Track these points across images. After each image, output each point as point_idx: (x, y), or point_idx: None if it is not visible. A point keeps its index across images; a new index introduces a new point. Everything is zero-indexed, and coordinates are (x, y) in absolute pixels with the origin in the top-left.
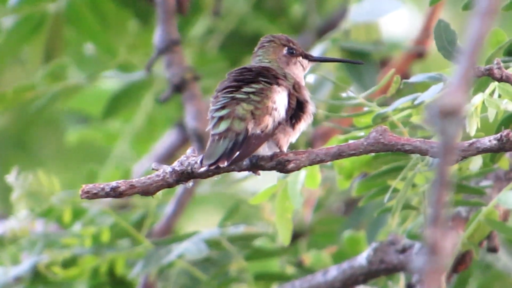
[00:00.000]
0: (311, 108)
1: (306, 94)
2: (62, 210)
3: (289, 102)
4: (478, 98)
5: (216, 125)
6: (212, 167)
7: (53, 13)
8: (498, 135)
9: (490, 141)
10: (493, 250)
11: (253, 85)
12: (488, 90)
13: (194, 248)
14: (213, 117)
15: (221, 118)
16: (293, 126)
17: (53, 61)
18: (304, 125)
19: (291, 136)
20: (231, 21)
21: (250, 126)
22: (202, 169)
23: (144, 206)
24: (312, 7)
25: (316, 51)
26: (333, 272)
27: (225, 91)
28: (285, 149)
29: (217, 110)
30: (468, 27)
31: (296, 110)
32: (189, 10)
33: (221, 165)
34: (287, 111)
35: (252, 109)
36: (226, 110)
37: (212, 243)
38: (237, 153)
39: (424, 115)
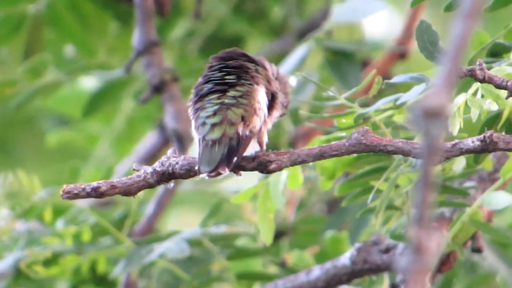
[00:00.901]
0: (280, 97)
1: (275, 85)
2: (43, 208)
3: (267, 97)
4: (460, 98)
5: (210, 131)
6: (213, 174)
7: (33, 14)
8: (481, 136)
9: (473, 142)
10: (477, 250)
11: (238, 88)
12: (471, 90)
13: (176, 247)
14: (204, 123)
15: (214, 125)
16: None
17: (33, 57)
18: (276, 114)
19: (268, 126)
20: (211, 24)
21: (240, 129)
22: (203, 175)
23: (126, 204)
24: (292, 10)
25: (299, 52)
26: (316, 272)
27: (211, 97)
28: (264, 142)
29: (208, 116)
30: (451, 29)
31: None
32: (170, 12)
33: (222, 172)
34: (268, 107)
35: (242, 112)
36: (218, 116)
37: (194, 243)
38: (235, 158)
39: (407, 116)
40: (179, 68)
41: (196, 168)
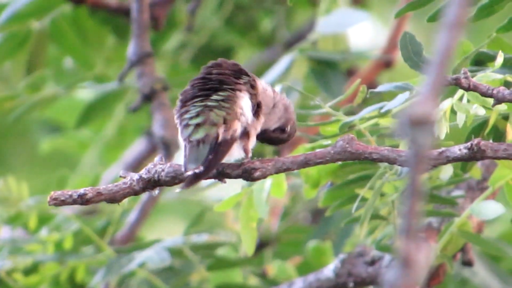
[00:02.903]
0: (264, 108)
1: (261, 85)
2: (28, 216)
3: (252, 103)
4: (447, 103)
5: (194, 131)
6: (197, 171)
7: (37, 30)
8: (469, 143)
9: (460, 150)
10: (468, 263)
11: (221, 93)
12: (457, 96)
13: (156, 256)
14: (188, 125)
15: (198, 125)
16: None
17: (34, 73)
18: (263, 118)
19: (257, 128)
20: (203, 36)
21: (221, 131)
22: (189, 173)
23: (111, 212)
24: (281, 22)
25: (284, 61)
26: (299, 284)
27: (195, 100)
28: (250, 148)
29: (191, 118)
30: (436, 38)
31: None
32: (164, 26)
33: (197, 171)
34: (253, 113)
35: (224, 115)
36: (201, 117)
37: (175, 252)
38: (210, 158)
39: (393, 124)
40: (171, 79)
41: (183, 168)
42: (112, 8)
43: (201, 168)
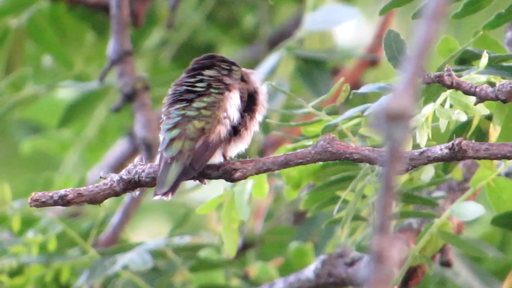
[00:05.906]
0: (261, 97)
1: (256, 81)
2: (12, 218)
3: (241, 100)
4: (428, 108)
5: (168, 147)
6: (165, 197)
7: (15, 27)
8: (450, 143)
9: (441, 149)
10: (446, 264)
11: (204, 99)
12: (439, 100)
13: (139, 259)
14: (164, 138)
15: (172, 140)
16: (250, 119)
17: (14, 72)
18: (259, 116)
19: (253, 127)
20: (184, 33)
21: (198, 145)
22: (156, 198)
23: (94, 214)
24: (264, 18)
25: (271, 60)
26: (280, 285)
27: (176, 106)
28: (233, 152)
29: (168, 130)
30: (415, 32)
31: (248, 104)
32: (144, 22)
33: (167, 198)
34: (241, 111)
35: (203, 125)
36: (177, 130)
37: (158, 253)
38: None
39: (370, 120)
40: (152, 77)
41: (154, 191)
42: (91, 4)
43: (170, 196)
